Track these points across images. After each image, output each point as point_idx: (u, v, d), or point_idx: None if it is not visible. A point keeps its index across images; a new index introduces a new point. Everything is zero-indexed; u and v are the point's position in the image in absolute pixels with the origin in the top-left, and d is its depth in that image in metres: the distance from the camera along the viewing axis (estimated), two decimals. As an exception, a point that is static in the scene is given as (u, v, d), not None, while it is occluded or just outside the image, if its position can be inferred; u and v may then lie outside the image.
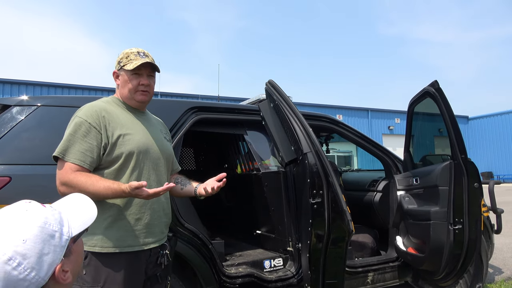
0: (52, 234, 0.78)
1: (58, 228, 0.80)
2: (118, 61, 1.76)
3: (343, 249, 2.42)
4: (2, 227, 0.74)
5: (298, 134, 2.52)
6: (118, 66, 1.76)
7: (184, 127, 2.65)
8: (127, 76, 1.73)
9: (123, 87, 1.76)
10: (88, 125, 1.60)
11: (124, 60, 1.74)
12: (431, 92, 2.85)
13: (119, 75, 1.77)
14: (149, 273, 1.71)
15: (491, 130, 28.73)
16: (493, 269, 4.48)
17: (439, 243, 2.73)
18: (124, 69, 1.73)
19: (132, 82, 1.73)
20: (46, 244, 0.76)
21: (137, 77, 1.73)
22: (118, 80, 1.78)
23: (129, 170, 1.65)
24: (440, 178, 2.78)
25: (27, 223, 0.76)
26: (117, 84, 1.80)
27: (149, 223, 1.68)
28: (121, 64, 1.74)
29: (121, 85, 1.76)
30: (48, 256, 0.76)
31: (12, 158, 2.11)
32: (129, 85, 1.73)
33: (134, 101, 1.77)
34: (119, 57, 1.77)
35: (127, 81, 1.73)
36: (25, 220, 0.76)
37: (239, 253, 3.09)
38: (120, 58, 1.76)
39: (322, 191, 2.39)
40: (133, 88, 1.73)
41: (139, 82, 1.73)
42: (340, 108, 24.83)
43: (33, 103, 2.31)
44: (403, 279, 3.35)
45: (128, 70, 1.71)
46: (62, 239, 0.80)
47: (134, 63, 1.70)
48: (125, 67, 1.72)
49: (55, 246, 0.78)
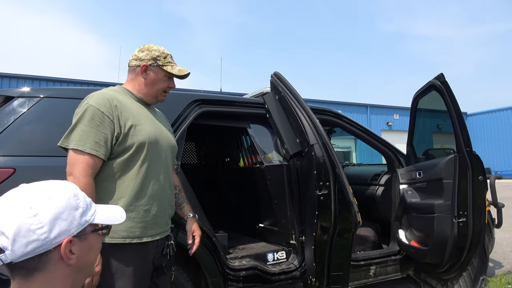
0: (76, 207, 0.83)
1: (83, 206, 0.85)
2: (154, 57, 1.73)
3: (349, 240, 2.42)
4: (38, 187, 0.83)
5: (304, 126, 2.51)
6: (153, 62, 1.73)
7: (188, 119, 2.64)
8: (161, 76, 1.76)
9: (151, 84, 1.75)
10: (101, 114, 1.56)
11: (162, 59, 1.74)
12: (436, 85, 2.84)
13: (149, 70, 1.74)
14: (155, 264, 1.73)
15: (489, 127, 28.78)
16: (493, 263, 4.50)
17: (443, 236, 2.74)
18: (161, 68, 1.74)
19: (163, 83, 1.77)
20: (66, 211, 0.81)
21: (169, 80, 1.79)
22: (145, 74, 1.74)
23: (139, 162, 1.64)
24: (444, 171, 2.78)
25: (59, 188, 0.84)
26: (143, 78, 1.75)
27: (156, 214, 1.68)
28: (159, 62, 1.73)
29: (149, 81, 1.75)
30: (63, 223, 0.80)
31: (15, 149, 2.10)
32: (160, 85, 1.77)
33: (155, 99, 1.81)
34: (154, 53, 1.74)
35: (160, 80, 1.76)
36: (58, 186, 0.85)
37: (242, 246, 3.09)
38: (157, 55, 1.74)
39: (328, 183, 2.38)
40: (162, 89, 1.78)
41: (168, 85, 1.79)
42: (339, 103, 24.82)
43: (35, 94, 2.29)
44: (405, 273, 3.36)
45: (168, 71, 1.74)
46: (82, 219, 0.84)
47: (179, 69, 1.77)
48: (165, 67, 1.74)
49: (74, 219, 0.82)
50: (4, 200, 0.80)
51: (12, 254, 0.75)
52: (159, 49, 1.76)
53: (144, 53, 1.75)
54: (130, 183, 1.61)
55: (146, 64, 1.73)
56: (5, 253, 0.75)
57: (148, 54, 1.74)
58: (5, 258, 0.75)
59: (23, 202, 0.78)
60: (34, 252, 0.76)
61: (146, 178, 1.65)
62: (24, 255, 0.75)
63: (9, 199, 0.80)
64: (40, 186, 0.83)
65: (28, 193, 0.80)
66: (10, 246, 0.74)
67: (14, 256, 0.75)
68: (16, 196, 0.80)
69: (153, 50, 1.75)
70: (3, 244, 0.74)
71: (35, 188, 0.82)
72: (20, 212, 0.76)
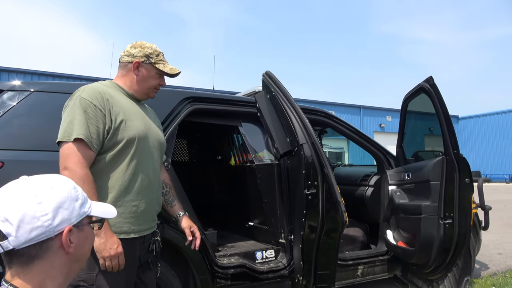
0: (76, 198, 0.88)
1: (82, 198, 0.90)
2: (146, 54, 1.75)
3: (336, 240, 2.44)
4: (40, 178, 0.87)
5: (294, 125, 2.53)
6: (146, 59, 1.75)
7: (179, 117, 2.64)
8: (153, 74, 1.77)
9: (143, 81, 1.77)
10: (93, 106, 1.56)
11: (155, 57, 1.76)
12: (425, 87, 2.88)
13: (142, 67, 1.75)
14: (141, 260, 1.73)
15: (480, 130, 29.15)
16: (480, 265, 4.56)
17: (429, 237, 2.78)
18: (153, 66, 1.76)
19: (155, 80, 1.79)
20: (67, 201, 0.85)
21: (160, 77, 1.80)
22: (137, 70, 1.75)
23: (128, 157, 1.64)
24: (432, 173, 2.82)
25: (60, 180, 0.89)
26: (135, 74, 1.76)
27: (144, 210, 1.69)
28: (151, 60, 1.75)
29: (141, 78, 1.76)
30: (65, 212, 0.84)
31: (4, 143, 2.08)
32: (152, 82, 1.78)
33: (146, 96, 1.82)
34: (146, 50, 1.75)
35: (151, 77, 1.78)
36: (59, 178, 0.90)
37: (231, 244, 3.10)
38: (149, 53, 1.75)
39: (317, 182, 2.40)
40: (153, 86, 1.80)
41: (160, 83, 1.81)
42: (332, 104, 24.94)
43: (26, 88, 2.28)
44: (392, 273, 3.40)
45: (160, 69, 1.76)
46: (81, 209, 0.89)
47: (170, 68, 1.79)
48: (158, 65, 1.76)
49: (74, 209, 0.86)
50: (6, 190, 0.83)
51: (15, 240, 0.77)
52: (152, 47, 1.78)
53: (136, 49, 1.75)
54: (118, 179, 1.62)
55: (138, 61, 1.74)
56: (8, 240, 0.77)
57: (141, 51, 1.75)
58: (8, 245, 0.77)
59: (27, 191, 0.81)
60: (37, 238, 0.79)
61: (135, 173, 1.66)
62: (27, 242, 0.78)
63: (12, 189, 0.82)
64: (42, 178, 0.87)
65: (31, 183, 0.84)
66: (14, 232, 0.77)
67: (18, 242, 0.77)
68: (19, 186, 0.83)
69: (146, 47, 1.76)
70: (7, 231, 0.77)
71: (37, 179, 0.86)
72: (25, 200, 0.80)
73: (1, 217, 0.78)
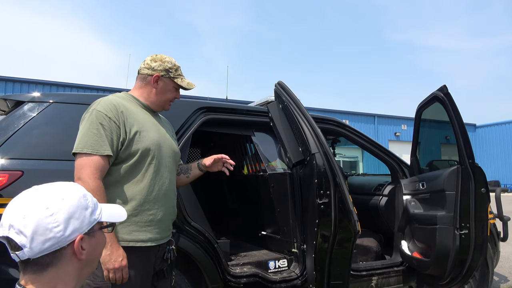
0: (86, 207, 0.91)
1: (92, 206, 0.93)
2: (166, 69, 1.80)
3: (349, 250, 2.43)
4: (50, 188, 0.89)
5: (306, 135, 2.54)
6: (165, 73, 1.80)
7: (193, 127, 2.68)
8: (170, 87, 1.84)
9: (160, 94, 1.82)
10: (108, 119, 1.61)
11: (174, 71, 1.82)
12: (439, 96, 2.85)
13: (160, 81, 1.81)
14: (156, 268, 1.75)
15: (498, 139, 28.47)
16: (499, 277, 4.44)
17: (445, 248, 2.73)
18: (172, 80, 1.82)
19: (172, 94, 1.86)
20: (78, 210, 0.88)
21: (176, 91, 1.87)
22: (156, 84, 1.81)
23: (144, 167, 1.68)
24: (447, 182, 2.78)
25: (70, 189, 0.91)
26: (153, 88, 1.81)
27: (160, 219, 1.72)
28: (171, 74, 1.81)
29: (159, 91, 1.82)
30: (76, 222, 0.87)
31: (24, 152, 2.15)
32: (169, 95, 1.85)
33: (160, 108, 1.88)
34: (166, 64, 1.81)
35: (169, 91, 1.84)
36: (69, 187, 0.92)
37: (244, 253, 3.10)
38: (169, 67, 1.81)
39: (329, 192, 2.40)
40: (170, 99, 1.87)
41: (175, 96, 1.88)
42: (346, 113, 24.76)
43: (45, 99, 2.35)
44: (407, 284, 3.34)
45: (178, 84, 1.83)
46: (92, 217, 0.92)
47: (188, 83, 1.86)
48: (176, 80, 1.83)
49: (85, 217, 0.89)
50: (18, 201, 0.86)
51: (30, 251, 0.82)
52: (171, 61, 1.84)
53: (157, 63, 1.80)
54: (135, 188, 1.65)
55: (158, 74, 1.80)
56: (23, 250, 0.82)
57: (161, 65, 1.80)
58: (23, 255, 0.82)
59: (39, 203, 0.84)
60: (50, 248, 0.83)
61: (151, 183, 1.69)
62: (41, 252, 0.83)
63: (24, 200, 0.86)
64: (52, 188, 0.90)
65: (42, 194, 0.87)
66: (28, 244, 0.81)
67: (32, 253, 0.82)
68: (31, 197, 0.86)
69: (166, 62, 1.82)
70: (22, 242, 0.82)
71: (48, 189, 0.89)
72: (37, 212, 0.83)
73: (16, 229, 0.82)
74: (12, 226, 0.82)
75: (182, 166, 2.04)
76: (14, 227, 0.82)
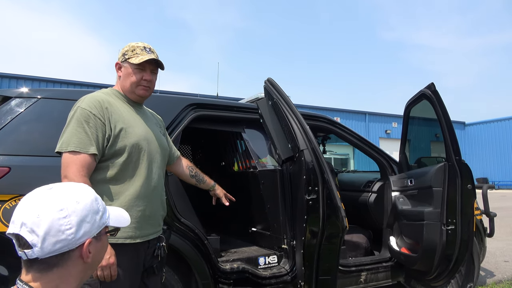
0: (97, 211, 0.92)
1: (102, 209, 0.94)
2: (123, 53, 1.77)
3: (337, 245, 2.45)
4: (65, 189, 0.90)
5: (295, 131, 2.55)
6: (123, 58, 1.77)
7: (183, 123, 2.68)
8: (131, 69, 1.75)
9: (125, 79, 1.77)
10: (93, 116, 1.60)
11: (130, 53, 1.75)
12: (427, 94, 2.89)
13: (122, 66, 1.78)
14: (146, 265, 1.75)
15: (487, 137, 28.88)
16: (485, 272, 4.52)
17: (432, 243, 2.77)
18: (128, 62, 1.75)
19: (135, 75, 1.75)
20: (90, 214, 0.89)
21: (141, 71, 1.75)
22: (120, 71, 1.79)
23: (132, 163, 1.67)
24: (434, 179, 2.82)
25: (84, 192, 0.92)
26: (119, 76, 1.80)
27: (149, 215, 1.71)
28: (126, 56, 1.75)
29: (123, 77, 1.77)
30: (87, 225, 0.88)
31: (11, 149, 2.13)
32: (132, 78, 1.75)
33: (134, 94, 1.79)
34: (124, 49, 1.78)
35: (130, 74, 1.75)
36: (83, 190, 0.93)
37: (234, 250, 3.12)
38: (126, 51, 1.77)
39: (317, 188, 2.42)
40: (136, 82, 1.75)
41: (142, 77, 1.75)
42: (337, 110, 24.90)
43: (33, 95, 2.33)
44: (395, 279, 3.38)
45: (133, 63, 1.73)
46: (101, 221, 0.93)
47: (140, 58, 1.72)
48: (130, 60, 1.74)
49: (95, 221, 0.90)
50: (32, 199, 0.86)
51: (40, 251, 0.81)
52: (130, 44, 1.78)
53: (120, 52, 1.80)
54: (123, 185, 1.64)
55: (118, 62, 1.79)
56: (33, 249, 0.81)
57: (121, 52, 1.79)
58: (32, 254, 0.81)
59: (53, 203, 0.84)
60: (60, 250, 0.83)
61: (139, 179, 1.68)
62: (50, 252, 0.82)
63: (38, 199, 0.86)
64: (66, 189, 0.90)
65: (56, 195, 0.87)
66: (40, 243, 0.81)
67: (42, 252, 0.82)
68: (45, 197, 0.86)
69: (125, 47, 1.79)
70: (33, 241, 0.81)
71: (62, 190, 0.89)
72: (51, 212, 0.83)
73: (28, 227, 0.81)
74: (24, 224, 0.81)
75: (198, 174, 2.24)
76: (27, 226, 0.81)
